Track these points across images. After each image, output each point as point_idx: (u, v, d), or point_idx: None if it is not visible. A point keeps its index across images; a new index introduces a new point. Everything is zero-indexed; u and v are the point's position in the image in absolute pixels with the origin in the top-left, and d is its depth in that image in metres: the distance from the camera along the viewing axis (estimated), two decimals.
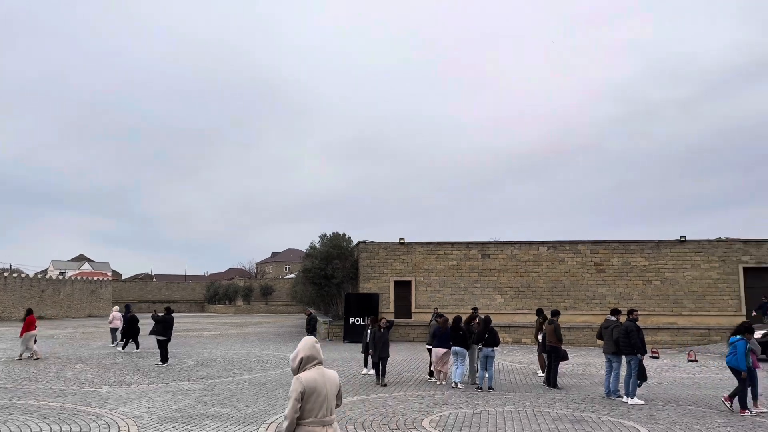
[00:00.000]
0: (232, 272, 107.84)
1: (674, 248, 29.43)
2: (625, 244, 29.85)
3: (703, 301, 28.65)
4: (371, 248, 31.53)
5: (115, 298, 68.43)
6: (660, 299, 28.89)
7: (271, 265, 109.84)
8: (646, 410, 11.56)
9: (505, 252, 30.58)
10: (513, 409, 11.60)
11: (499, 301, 29.72)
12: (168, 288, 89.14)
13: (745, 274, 28.84)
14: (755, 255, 29.03)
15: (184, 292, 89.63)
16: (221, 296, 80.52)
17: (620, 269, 29.49)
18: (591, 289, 29.51)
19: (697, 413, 11.29)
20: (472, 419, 10.68)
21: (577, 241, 30.33)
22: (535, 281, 29.96)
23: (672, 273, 29.15)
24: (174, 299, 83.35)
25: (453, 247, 30.96)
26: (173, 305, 58.07)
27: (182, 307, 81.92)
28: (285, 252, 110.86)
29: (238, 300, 78.89)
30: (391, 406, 11.85)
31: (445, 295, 30.19)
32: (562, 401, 12.59)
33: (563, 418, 10.81)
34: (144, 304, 79.86)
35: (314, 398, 4.73)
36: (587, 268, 29.78)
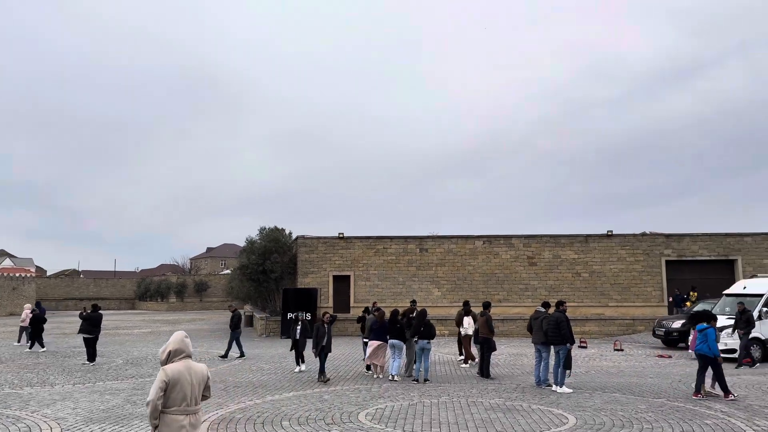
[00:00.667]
0: (164, 268, 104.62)
1: (602, 242, 30.71)
2: (556, 238, 30.90)
3: (628, 293, 30.05)
4: (310, 243, 31.32)
5: (39, 295, 65.07)
6: (588, 291, 30.09)
7: (206, 260, 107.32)
8: (573, 398, 12.02)
9: (443, 246, 31.04)
10: (448, 400, 11.80)
11: (437, 294, 30.16)
12: (96, 284, 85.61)
13: (667, 266, 30.45)
14: (676, 249, 30.69)
15: (114, 288, 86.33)
16: (153, 293, 77.99)
17: (551, 262, 30.50)
18: (524, 282, 30.39)
19: (621, 400, 11.82)
20: (408, 411, 10.80)
21: (511, 236, 31.16)
22: (471, 274, 30.57)
23: (599, 266, 30.40)
24: (103, 296, 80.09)
25: (392, 241, 31.17)
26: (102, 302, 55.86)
27: (111, 305, 78.84)
28: (221, 247, 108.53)
29: (170, 296, 76.64)
30: (327, 401, 11.82)
31: (384, 289, 30.37)
32: (494, 391, 12.91)
33: (495, 407, 11.09)
34: (71, 302, 76.33)
35: (178, 389, 5.09)
36: (520, 261, 30.65)
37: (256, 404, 11.57)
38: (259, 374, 15.84)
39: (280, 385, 13.86)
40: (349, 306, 30.20)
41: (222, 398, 12.24)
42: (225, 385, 14.02)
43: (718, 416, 10.17)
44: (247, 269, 31.99)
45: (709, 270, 30.50)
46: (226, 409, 11.08)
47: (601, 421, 9.83)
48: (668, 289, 29.68)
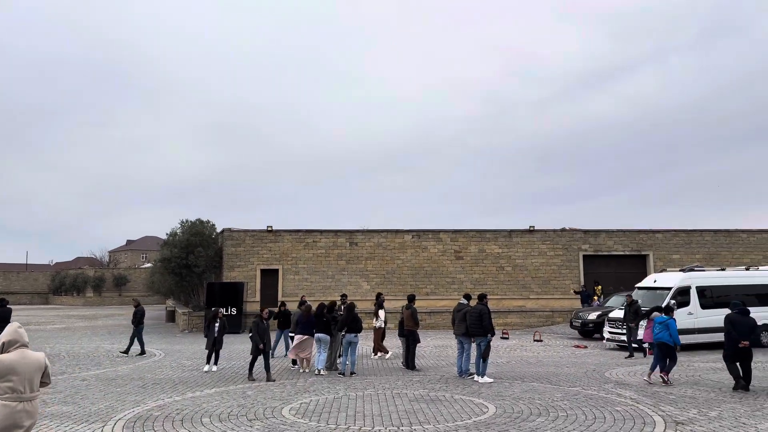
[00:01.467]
0: (81, 261, 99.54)
1: (524, 237, 31.75)
2: (482, 232, 31.68)
3: (548, 286, 31.23)
4: (237, 236, 30.65)
5: None
6: (511, 284, 31.05)
7: (126, 253, 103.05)
8: (495, 388, 12.36)
9: (373, 240, 31.16)
10: (373, 393, 11.86)
11: (366, 288, 30.25)
12: (6, 278, 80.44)
13: (585, 261, 31.87)
14: (593, 244, 32.16)
15: (25, 282, 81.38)
16: (68, 287, 74.04)
17: (477, 256, 31.25)
18: (450, 275, 30.99)
19: (539, 389, 12.27)
20: (333, 404, 10.77)
21: (439, 230, 31.68)
22: (400, 268, 30.87)
23: (522, 260, 31.43)
24: (13, 290, 75.33)
25: (322, 235, 30.99)
26: (11, 296, 52.48)
27: (22, 299, 74.32)
28: (142, 239, 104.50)
29: (87, 291, 73.00)
30: (250, 397, 11.61)
31: (313, 282, 30.17)
32: (419, 382, 13.10)
33: (419, 398, 11.25)
34: None
35: (14, 377, 5.34)
36: (448, 255, 31.22)
37: (176, 401, 11.21)
38: (179, 371, 15.36)
39: (202, 382, 13.49)
40: (277, 300, 29.76)
41: (139, 395, 11.79)
42: (143, 382, 13.52)
43: (628, 403, 10.73)
44: (170, 263, 30.90)
45: (623, 264, 32.15)
46: (143, 407, 10.67)
47: (519, 410, 10.16)
48: (585, 282, 31.06)
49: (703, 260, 30.84)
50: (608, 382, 13.07)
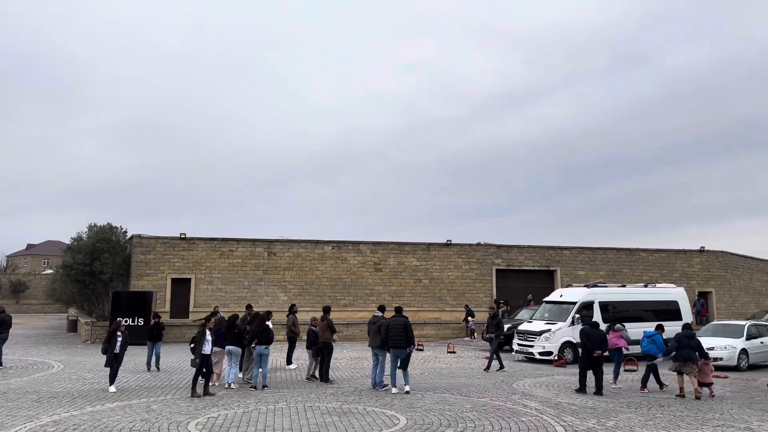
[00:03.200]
0: None
1: (441, 250, 32.42)
2: (401, 245, 32.06)
3: (462, 298, 31.97)
4: (147, 243, 29.38)
5: None
6: (427, 296, 31.57)
7: (25, 258, 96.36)
8: (407, 399, 12.48)
9: (292, 250, 30.78)
10: (285, 406, 11.67)
11: (283, 298, 29.76)
12: None
13: (497, 275, 32.93)
14: (506, 258, 33.30)
15: None
16: None
17: (395, 268, 31.57)
18: (369, 287, 31.10)
19: (450, 400, 12.51)
20: (242, 419, 10.49)
21: (359, 242, 31.77)
22: (319, 279, 30.65)
23: (438, 273, 32.05)
24: None
25: (239, 243, 30.27)
26: None
27: None
28: (44, 244, 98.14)
29: None
30: (155, 411, 11.11)
31: (228, 293, 29.36)
32: (333, 395, 13.01)
33: (332, 411, 11.17)
34: None
35: None
36: (367, 267, 31.33)
37: (73, 416, 10.56)
38: (79, 384, 14.49)
39: (103, 396, 12.78)
40: (188, 311, 28.77)
41: (33, 410, 11.02)
42: (38, 395, 12.65)
43: (533, 413, 11.14)
44: (72, 269, 29.14)
45: (532, 278, 33.50)
46: (36, 422, 9.98)
47: (429, 421, 10.30)
48: (497, 295, 32.09)
49: (606, 277, 32.66)
50: (515, 393, 13.52)
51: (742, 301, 39.08)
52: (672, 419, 10.70)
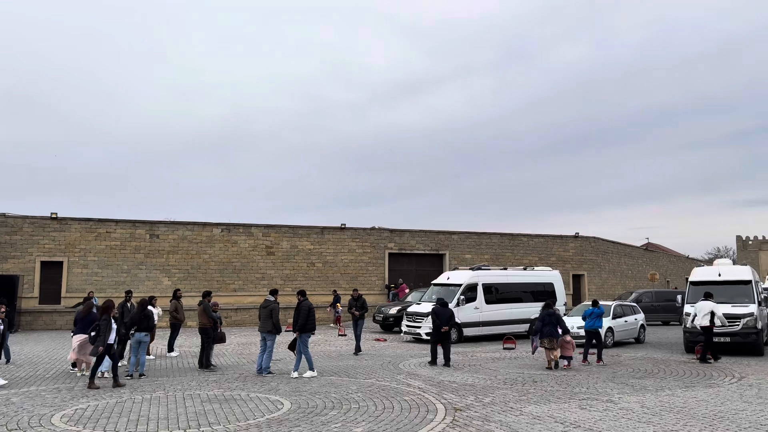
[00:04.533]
0: None
1: (336, 234, 32.39)
2: (294, 229, 31.64)
3: (356, 282, 32.15)
4: (13, 222, 26.86)
5: None
6: (321, 280, 31.45)
7: None
8: (293, 384, 12.34)
9: (177, 233, 29.40)
10: (162, 395, 11.13)
11: (167, 283, 28.42)
12: None
13: (390, 258, 33.46)
14: (398, 242, 33.88)
15: None
16: None
17: (288, 252, 31.14)
18: (261, 271, 30.46)
19: (336, 382, 12.51)
20: (114, 409, 9.87)
21: (251, 225, 30.97)
22: (207, 263, 29.55)
23: (332, 256, 32.02)
24: None
25: (117, 225, 28.44)
26: None
27: None
28: None
29: None
30: (15, 404, 10.19)
31: (105, 277, 27.57)
32: (215, 382, 12.60)
33: (213, 398, 10.80)
34: None
35: None
36: (258, 250, 30.64)
37: None
38: None
39: None
40: (60, 296, 26.73)
41: None
42: None
43: (416, 393, 11.39)
44: None
45: (423, 262, 34.38)
46: None
47: (314, 404, 10.24)
48: (389, 278, 32.68)
49: (491, 260, 34.20)
50: (401, 373, 13.79)
51: (610, 283, 42.49)
52: (543, 394, 11.37)
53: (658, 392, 11.54)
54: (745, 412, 9.69)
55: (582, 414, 9.55)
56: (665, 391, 11.62)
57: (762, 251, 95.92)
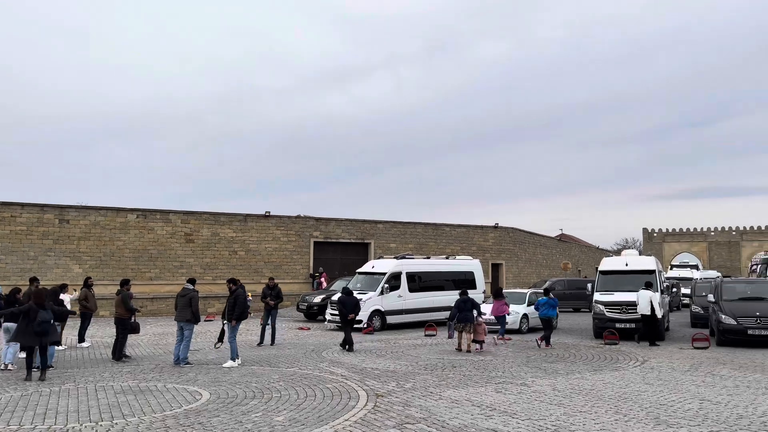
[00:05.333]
0: None
1: (260, 222, 31.83)
2: (216, 216, 30.82)
3: (280, 270, 31.81)
4: None
5: None
6: (243, 269, 30.84)
7: None
8: (212, 374, 12.09)
9: (89, 218, 27.93)
10: (72, 387, 10.60)
11: (77, 271, 26.98)
12: None
13: (315, 247, 33.28)
14: (324, 231, 33.75)
15: None
16: None
17: (209, 240, 30.31)
18: (179, 259, 29.49)
19: (258, 372, 12.36)
20: (18, 403, 9.31)
21: (169, 211, 29.89)
22: (121, 250, 28.29)
23: (256, 245, 31.47)
24: None
25: (23, 209, 26.66)
26: None
27: None
28: None
29: None
30: None
31: (9, 264, 25.81)
32: (129, 373, 12.14)
33: (127, 390, 10.40)
34: None
35: None
36: (177, 237, 29.64)
37: None
38: None
39: None
40: None
41: None
42: None
43: (338, 380, 11.44)
44: None
45: (349, 251, 34.44)
46: None
47: (234, 394, 10.07)
48: (314, 266, 32.53)
49: (415, 249, 34.75)
50: (324, 361, 13.80)
51: (526, 272, 44.23)
52: (462, 378, 11.71)
53: (569, 375, 12.16)
54: (647, 393, 10.37)
55: (498, 397, 9.92)
56: (575, 375, 12.26)
57: (666, 243, 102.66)
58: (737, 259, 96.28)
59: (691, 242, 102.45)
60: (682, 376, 12.04)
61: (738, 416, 8.55)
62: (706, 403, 9.41)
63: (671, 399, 9.78)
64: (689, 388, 10.75)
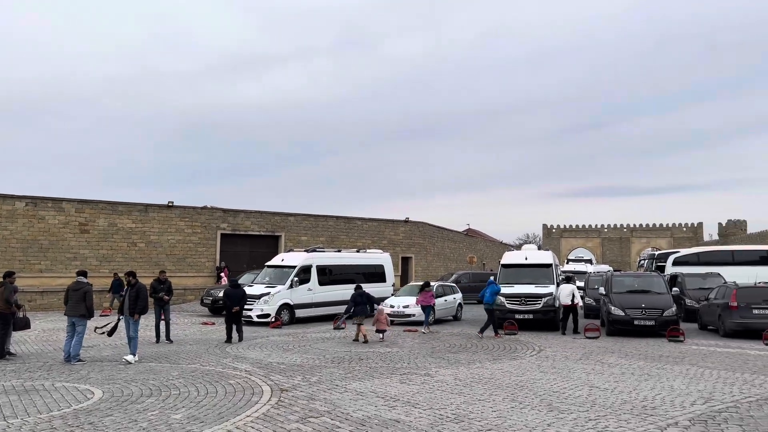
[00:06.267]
0: None
1: (162, 212, 30.49)
2: (113, 205, 29.21)
3: (183, 263, 30.68)
4: None
5: None
6: (143, 261, 29.46)
7: None
8: (106, 371, 11.46)
9: None
10: None
11: None
12: None
13: (222, 239, 32.35)
14: (232, 223, 32.86)
15: None
16: None
17: (106, 230, 28.70)
18: (73, 250, 27.72)
19: (156, 369, 11.84)
20: None
21: (62, 199, 28.00)
22: (7, 240, 26.19)
23: (157, 236, 30.13)
24: None
25: None
26: None
27: None
28: None
29: None
30: None
31: None
32: (14, 372, 11.27)
33: (10, 390, 9.64)
34: None
35: None
36: (71, 228, 27.84)
37: None
38: None
39: None
40: None
41: None
42: None
43: (242, 376, 11.18)
44: None
45: (258, 244, 33.75)
46: None
47: (129, 392, 9.59)
48: (220, 260, 31.62)
49: (326, 242, 34.61)
50: (227, 357, 13.45)
51: (435, 265, 45.30)
52: (368, 371, 11.80)
53: (470, 365, 12.56)
54: (541, 381, 10.90)
55: (402, 388, 10.08)
56: (476, 364, 12.69)
57: (563, 238, 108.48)
58: (627, 254, 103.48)
59: (587, 238, 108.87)
60: (574, 364, 12.76)
61: (622, 401, 9.17)
62: (594, 390, 10.02)
63: (563, 386, 10.33)
64: (580, 375, 11.41)
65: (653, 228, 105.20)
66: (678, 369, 12.08)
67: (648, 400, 9.24)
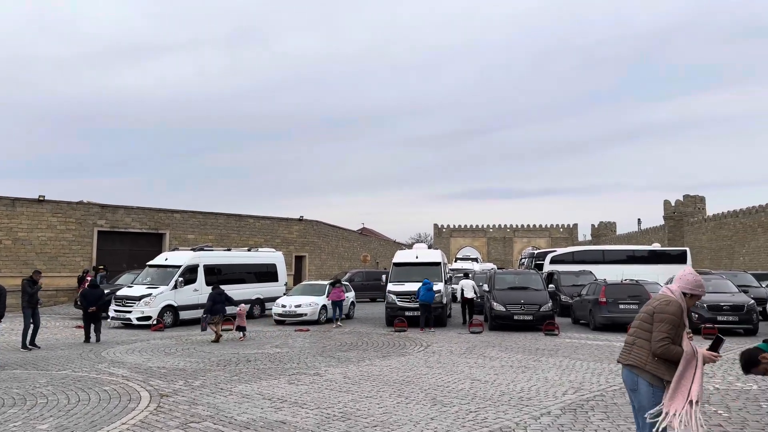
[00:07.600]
0: None
1: (31, 207, 28.08)
2: None
3: (55, 262, 28.44)
4: None
5: None
6: (9, 260, 26.99)
7: None
8: None
9: None
10: None
11: None
12: None
13: (100, 236, 30.31)
14: (110, 219, 30.88)
15: None
16: None
17: None
18: None
19: (21, 376, 10.89)
20: None
21: None
22: None
23: (26, 233, 27.72)
24: None
25: None
26: None
27: None
28: None
29: None
30: None
31: None
32: None
33: None
34: None
35: None
36: None
37: None
38: None
39: None
40: None
41: None
42: None
43: (119, 381, 10.52)
44: None
45: (140, 242, 31.96)
46: None
47: None
48: (98, 258, 29.61)
49: (216, 241, 33.48)
50: (103, 362, 12.62)
51: (329, 264, 45.26)
52: (256, 372, 11.54)
53: (360, 363, 12.66)
54: (427, 376, 11.21)
55: (290, 388, 9.95)
56: (365, 362, 12.81)
57: (453, 237, 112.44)
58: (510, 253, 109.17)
59: (474, 237, 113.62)
60: (458, 358, 13.24)
61: (501, 393, 9.63)
62: (476, 383, 10.45)
63: (447, 380, 10.69)
64: (463, 369, 11.86)
65: (534, 228, 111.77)
66: (552, 361, 12.89)
67: (524, 391, 9.78)
